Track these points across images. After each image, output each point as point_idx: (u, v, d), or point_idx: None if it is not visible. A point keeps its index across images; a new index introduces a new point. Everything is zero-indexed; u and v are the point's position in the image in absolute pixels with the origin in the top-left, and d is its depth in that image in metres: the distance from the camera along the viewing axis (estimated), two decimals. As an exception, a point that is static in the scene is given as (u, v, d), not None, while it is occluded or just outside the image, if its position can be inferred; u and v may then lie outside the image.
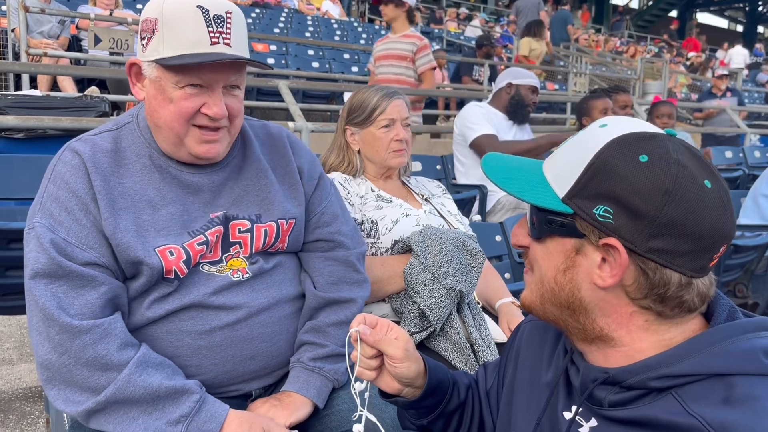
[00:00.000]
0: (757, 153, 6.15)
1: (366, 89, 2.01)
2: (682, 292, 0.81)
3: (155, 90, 1.25)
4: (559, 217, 0.85)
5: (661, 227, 0.78)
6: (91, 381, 1.17)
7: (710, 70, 14.52)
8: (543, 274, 0.89)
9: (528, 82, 3.63)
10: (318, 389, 1.38)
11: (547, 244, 0.88)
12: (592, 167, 0.82)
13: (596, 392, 0.86)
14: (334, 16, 12.99)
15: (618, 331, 0.85)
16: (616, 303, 0.84)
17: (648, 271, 0.80)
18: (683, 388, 0.79)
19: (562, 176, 0.85)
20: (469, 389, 1.19)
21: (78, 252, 1.19)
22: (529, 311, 0.96)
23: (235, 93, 1.30)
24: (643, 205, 0.78)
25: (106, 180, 1.25)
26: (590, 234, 0.82)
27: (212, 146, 1.29)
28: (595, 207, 0.81)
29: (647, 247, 0.79)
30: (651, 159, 0.79)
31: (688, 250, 0.79)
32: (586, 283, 0.84)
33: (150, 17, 1.23)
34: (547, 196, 0.86)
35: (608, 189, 0.80)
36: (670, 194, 0.77)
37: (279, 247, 1.41)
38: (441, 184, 2.19)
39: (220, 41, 1.22)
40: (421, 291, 1.68)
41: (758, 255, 3.42)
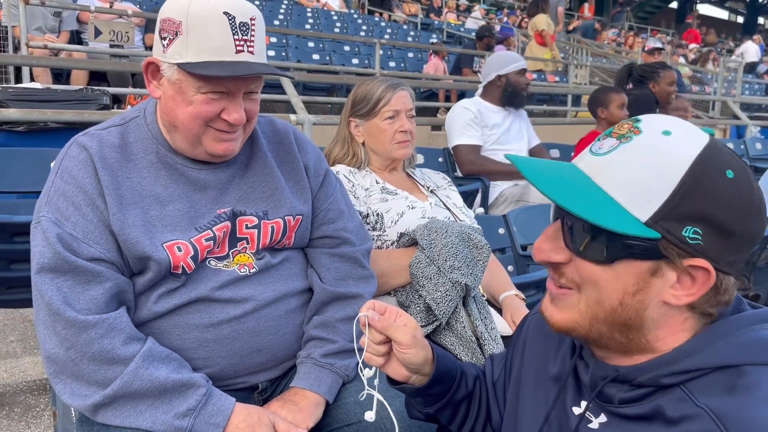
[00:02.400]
0: (759, 145, 6.14)
1: (370, 81, 2.00)
2: (732, 293, 0.82)
3: (174, 91, 1.25)
4: (641, 241, 0.77)
5: (743, 241, 0.78)
6: (98, 375, 1.17)
7: (711, 62, 14.48)
8: (604, 297, 0.82)
9: (514, 67, 3.61)
10: (329, 386, 1.39)
11: (614, 267, 0.80)
12: (683, 186, 0.76)
13: (606, 389, 0.86)
14: (333, 8, 12.92)
15: (664, 339, 0.83)
16: (673, 314, 0.82)
17: (720, 284, 0.79)
18: (692, 383, 0.79)
19: (639, 196, 0.77)
20: (477, 380, 1.19)
21: (84, 247, 1.19)
22: (567, 332, 0.87)
23: (254, 97, 1.30)
24: (733, 224, 0.76)
25: (113, 175, 1.24)
26: (674, 256, 0.78)
27: (229, 144, 1.29)
28: (684, 229, 0.76)
29: (726, 262, 0.78)
30: (736, 174, 0.77)
31: (744, 256, 0.80)
32: (655, 301, 0.81)
33: (173, 18, 1.22)
34: (624, 219, 0.77)
35: (702, 210, 0.76)
36: (757, 209, 0.77)
37: (285, 244, 1.41)
38: (446, 176, 2.19)
39: (245, 49, 1.22)
40: (427, 285, 1.68)
41: (760, 247, 3.42)
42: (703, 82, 13.50)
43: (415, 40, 12.11)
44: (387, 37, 11.50)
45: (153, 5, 8.68)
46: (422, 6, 16.61)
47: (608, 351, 0.88)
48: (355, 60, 8.99)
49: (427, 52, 9.93)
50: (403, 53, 10.09)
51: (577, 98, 8.90)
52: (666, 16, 28.13)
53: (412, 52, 10.31)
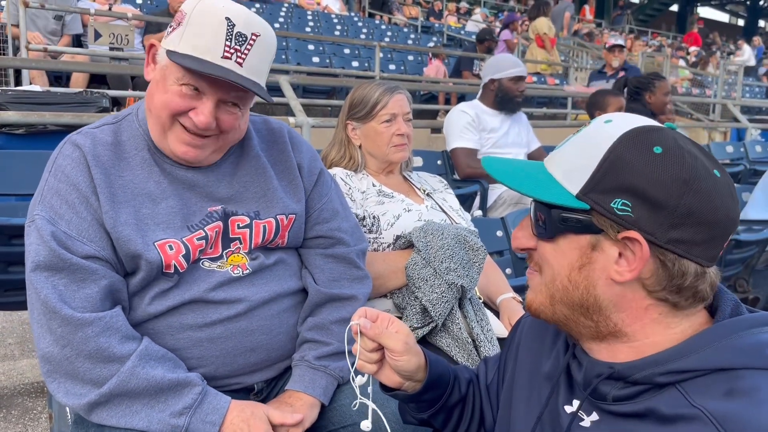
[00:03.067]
0: (759, 148, 6.13)
1: (367, 84, 2.01)
2: (697, 282, 0.81)
3: (160, 76, 1.26)
4: (575, 213, 0.83)
5: (681, 217, 0.78)
6: (93, 373, 1.17)
7: (711, 65, 14.49)
8: (555, 273, 0.87)
9: (509, 73, 3.60)
10: (324, 388, 1.39)
11: (559, 243, 0.86)
12: (606, 161, 0.81)
13: (600, 387, 0.86)
14: (334, 10, 12.95)
15: (632, 326, 0.84)
16: (631, 297, 0.83)
17: (667, 262, 0.80)
18: (688, 383, 0.79)
19: (572, 174, 0.84)
20: (470, 384, 1.19)
21: (78, 245, 1.20)
22: (537, 315, 0.92)
23: (233, 110, 1.28)
24: (662, 196, 0.78)
25: (106, 173, 1.25)
26: (608, 229, 0.81)
27: (192, 150, 1.27)
28: (613, 201, 0.80)
29: (667, 239, 0.79)
30: (665, 150, 0.79)
31: (705, 239, 0.79)
32: (602, 279, 0.83)
33: (183, 10, 1.25)
34: (559, 193, 0.84)
35: (625, 182, 0.79)
36: (688, 183, 0.77)
37: (279, 243, 1.41)
38: (443, 179, 2.19)
39: (233, 58, 1.21)
40: (423, 286, 1.69)
41: (759, 250, 3.42)
42: (703, 85, 13.51)
43: (416, 43, 12.13)
44: (387, 40, 11.52)
45: (153, 8, 8.70)
46: (423, 9, 16.64)
47: (585, 338, 0.90)
48: (355, 63, 8.99)
49: (427, 55, 9.94)
50: (403, 56, 10.10)
51: (577, 101, 8.90)
52: (666, 19, 28.15)
53: (412, 55, 10.32)
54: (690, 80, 13.46)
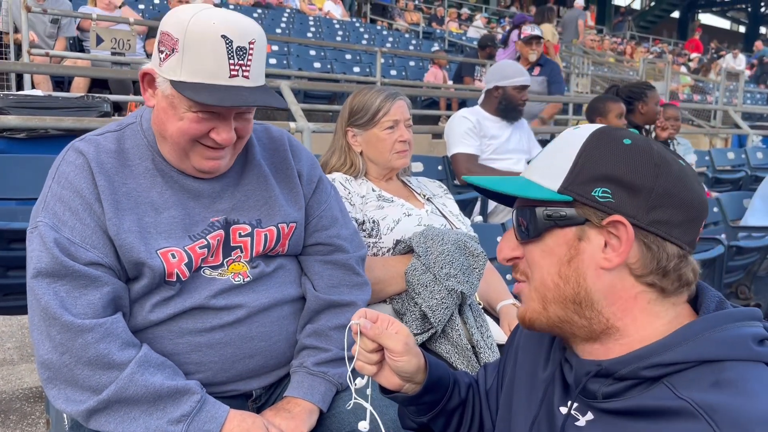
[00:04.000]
0: (760, 154, 6.13)
1: (366, 91, 2.00)
2: (681, 264, 0.84)
3: (166, 104, 1.24)
4: (558, 207, 0.86)
5: (658, 198, 0.82)
6: (93, 380, 1.17)
7: (712, 71, 14.50)
8: (545, 273, 0.88)
9: (514, 82, 3.59)
10: (323, 394, 1.39)
11: (545, 241, 0.88)
12: (582, 156, 0.86)
13: (590, 385, 0.87)
14: (336, 16, 12.98)
15: (623, 320, 0.86)
16: (621, 286, 0.85)
17: (651, 245, 0.83)
18: (674, 376, 0.80)
19: (551, 173, 0.88)
20: (470, 388, 1.18)
21: (81, 252, 1.19)
22: (531, 325, 0.93)
23: (247, 117, 1.29)
24: (638, 179, 0.82)
25: (110, 180, 1.25)
26: (592, 217, 0.84)
27: (216, 162, 1.29)
28: (593, 190, 0.84)
29: (648, 220, 0.82)
30: (633, 141, 0.85)
31: (682, 220, 0.83)
32: (591, 269, 0.85)
33: (171, 34, 1.20)
34: (541, 190, 0.88)
35: (603, 171, 0.84)
36: (659, 167, 0.83)
37: (279, 251, 1.41)
38: (442, 185, 2.19)
39: (239, 74, 1.20)
40: (423, 292, 1.68)
41: (761, 257, 3.41)
42: (704, 92, 13.52)
43: (417, 48, 12.15)
44: (389, 46, 11.55)
45: (155, 13, 8.73)
46: (424, 15, 16.68)
47: (580, 341, 0.90)
48: (356, 68, 9.02)
49: (428, 60, 9.96)
50: (405, 62, 10.12)
51: (578, 107, 8.91)
52: (667, 25, 28.21)
53: (413, 61, 10.35)
54: (691, 87, 13.47)
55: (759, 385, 0.77)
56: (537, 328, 0.93)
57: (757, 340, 0.81)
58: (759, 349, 0.80)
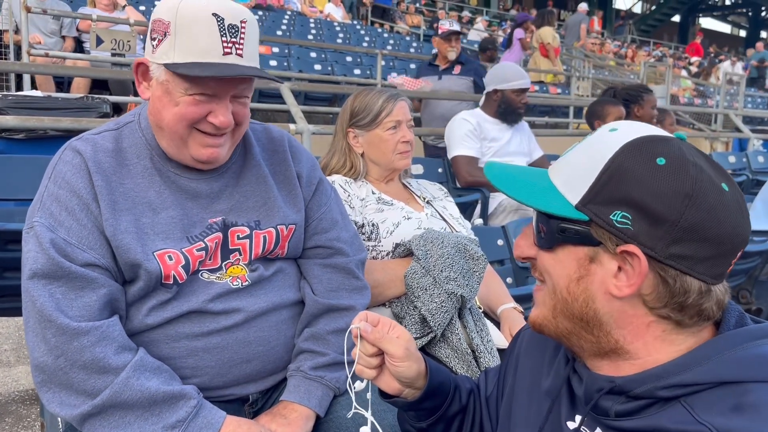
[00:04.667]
0: (761, 158, 6.12)
1: (367, 92, 1.99)
2: (702, 300, 0.78)
3: (162, 92, 1.23)
4: (573, 224, 0.81)
5: (682, 232, 0.75)
6: (88, 384, 1.15)
7: (713, 75, 14.51)
8: (555, 283, 0.85)
9: (514, 85, 3.59)
10: (320, 399, 1.37)
11: (557, 253, 0.84)
12: (607, 172, 0.78)
13: (602, 402, 0.83)
14: (336, 18, 12.98)
15: (634, 344, 0.82)
16: (632, 314, 0.80)
17: (668, 278, 0.77)
18: (692, 397, 0.77)
19: (573, 182, 0.82)
20: (471, 394, 1.17)
21: (78, 252, 1.18)
22: (540, 330, 0.90)
23: (243, 101, 1.28)
24: (663, 210, 0.75)
25: (107, 180, 1.23)
26: (607, 241, 0.78)
27: (215, 150, 1.27)
28: (612, 213, 0.77)
29: (667, 254, 0.76)
30: (669, 162, 0.76)
31: (709, 255, 0.76)
32: (601, 293, 0.80)
33: (163, 19, 1.21)
34: (558, 203, 0.82)
35: (625, 193, 0.76)
36: (690, 198, 0.74)
37: (279, 254, 1.39)
38: (443, 187, 2.18)
39: (233, 51, 1.20)
40: (422, 296, 1.66)
41: (762, 261, 3.39)
42: (705, 95, 13.52)
43: (418, 51, 12.15)
44: (389, 48, 11.55)
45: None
46: (425, 18, 16.69)
47: (588, 355, 0.87)
48: (357, 71, 9.01)
49: (428, 63, 9.95)
50: (405, 64, 10.11)
51: (579, 110, 8.91)
52: (668, 29, 28.24)
53: (414, 63, 10.34)
54: (692, 90, 13.47)
55: None
56: (546, 334, 0.90)
57: None
58: None
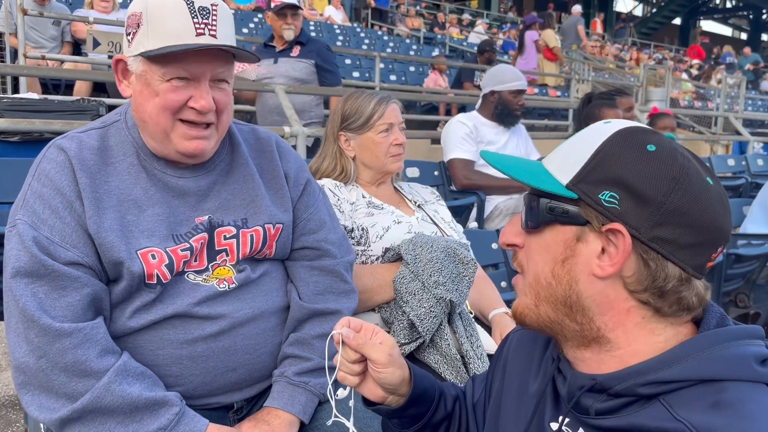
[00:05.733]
0: (760, 161, 6.09)
1: (358, 95, 1.98)
2: (681, 287, 0.80)
3: (141, 85, 1.23)
4: (563, 202, 0.83)
5: (667, 215, 0.77)
6: (68, 387, 1.14)
7: (712, 78, 14.49)
8: (539, 269, 0.86)
9: (510, 86, 3.57)
10: (303, 405, 1.35)
11: (544, 234, 0.85)
12: (599, 154, 0.81)
13: (583, 400, 0.84)
14: (336, 21, 12.98)
15: (615, 331, 0.83)
16: (614, 297, 0.81)
17: (650, 261, 0.79)
18: (671, 395, 0.77)
19: (566, 166, 0.84)
20: (456, 401, 1.16)
21: (61, 251, 1.16)
22: (522, 320, 0.91)
23: (223, 87, 1.28)
24: (650, 191, 0.77)
25: (92, 178, 1.22)
26: (593, 220, 0.80)
27: (200, 142, 1.26)
28: (601, 192, 0.80)
29: (651, 236, 0.78)
30: (658, 149, 0.80)
31: (690, 243, 0.78)
32: (585, 274, 0.82)
33: (135, 12, 1.22)
34: (550, 182, 0.84)
35: (615, 174, 0.79)
36: (677, 181, 0.77)
37: (267, 254, 1.38)
38: (435, 191, 2.16)
39: (206, 32, 1.20)
40: (411, 300, 1.64)
41: (760, 264, 3.38)
42: (705, 98, 13.50)
43: (418, 54, 12.15)
44: (389, 51, 11.54)
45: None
46: (425, 21, 16.70)
47: (571, 345, 0.88)
48: (356, 73, 9.00)
49: (428, 65, 9.95)
50: (405, 67, 10.11)
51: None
52: (669, 32, 28.24)
53: (413, 66, 10.33)
54: (693, 93, 13.46)
55: (759, 408, 0.74)
56: (528, 324, 0.90)
57: (759, 360, 0.78)
58: (761, 370, 0.77)
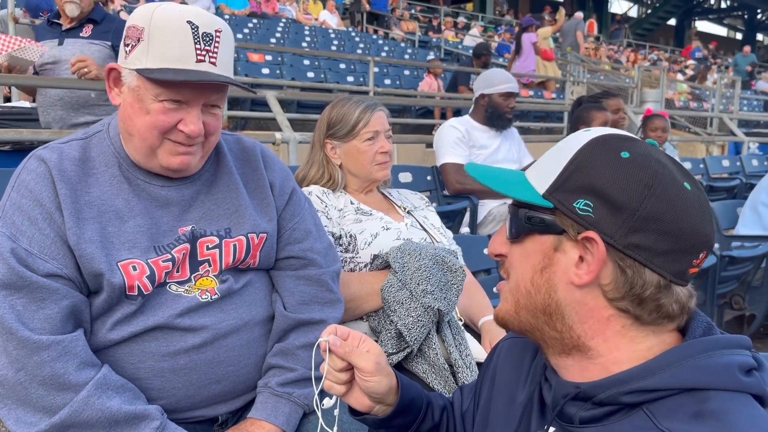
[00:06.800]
0: (755, 161, 6.10)
1: (344, 102, 1.96)
2: (660, 295, 0.79)
3: (133, 98, 1.22)
4: (539, 212, 0.83)
5: (641, 221, 0.77)
6: (46, 401, 1.12)
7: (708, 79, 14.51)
8: (519, 277, 0.86)
9: (500, 89, 3.56)
10: (287, 416, 1.33)
11: (525, 244, 0.86)
12: (573, 162, 0.82)
13: (567, 408, 0.83)
14: (331, 26, 13.00)
15: (595, 339, 0.82)
16: (593, 305, 0.81)
17: (626, 268, 0.78)
18: (655, 404, 0.76)
19: (543, 175, 0.85)
20: (444, 411, 1.14)
21: (40, 263, 1.15)
22: (504, 325, 0.91)
23: (214, 111, 1.27)
24: (623, 198, 0.77)
25: (72, 189, 1.21)
26: (569, 229, 0.81)
27: (185, 158, 1.25)
28: (576, 201, 0.80)
29: (626, 243, 0.77)
30: (632, 156, 0.79)
31: (667, 249, 0.77)
32: (563, 283, 0.82)
33: (137, 25, 1.21)
34: (527, 192, 0.85)
35: (589, 182, 0.79)
36: (650, 188, 0.77)
37: (250, 263, 1.37)
38: (424, 197, 2.14)
39: (206, 59, 1.20)
40: (399, 309, 1.63)
41: (755, 266, 3.37)
42: (701, 99, 13.52)
43: (413, 57, 12.16)
44: (384, 55, 11.56)
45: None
46: (420, 24, 16.73)
47: (553, 352, 0.87)
48: (350, 78, 9.01)
49: (423, 69, 9.96)
50: (399, 71, 10.12)
51: (574, 115, 8.90)
52: (664, 33, 28.31)
53: (408, 70, 10.34)
54: (688, 94, 13.48)
55: (742, 418, 0.73)
56: (510, 329, 0.91)
57: (744, 370, 0.77)
58: (745, 380, 0.76)
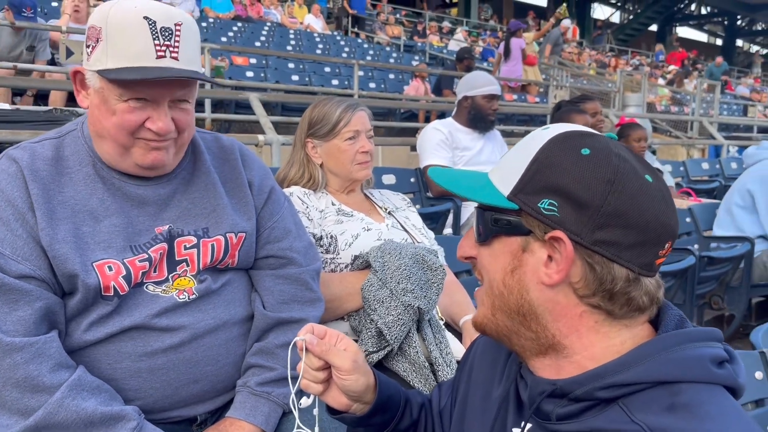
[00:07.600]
0: (734, 164, 6.19)
1: (326, 102, 1.96)
2: (629, 288, 0.79)
3: (99, 100, 1.21)
4: (505, 214, 0.83)
5: (606, 217, 0.77)
6: (21, 404, 1.11)
7: (687, 83, 14.70)
8: (491, 279, 0.86)
9: (483, 91, 3.58)
10: (266, 415, 1.33)
11: (493, 246, 0.86)
12: (535, 163, 0.82)
13: (544, 405, 0.84)
14: (316, 29, 12.99)
15: (569, 337, 0.83)
16: (565, 303, 0.82)
17: (595, 265, 0.79)
18: (629, 398, 0.77)
19: (506, 176, 0.85)
20: (422, 408, 1.14)
21: (12, 264, 1.14)
22: (482, 330, 0.91)
23: (184, 107, 1.25)
24: (586, 195, 0.77)
25: (45, 189, 1.19)
26: (536, 229, 0.81)
27: (158, 153, 1.23)
28: (540, 201, 0.80)
29: (593, 239, 0.78)
30: (593, 152, 0.80)
31: (634, 242, 0.78)
32: (534, 283, 0.82)
33: (95, 25, 1.19)
34: (492, 195, 0.85)
35: (552, 182, 0.79)
36: (612, 184, 0.77)
37: (229, 263, 1.36)
38: (406, 197, 2.15)
39: (167, 55, 1.17)
40: (379, 308, 1.63)
41: (733, 267, 3.42)
42: (682, 103, 13.69)
43: (398, 61, 12.19)
44: (369, 59, 11.57)
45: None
46: (405, 29, 16.78)
47: (530, 354, 0.87)
48: (335, 81, 9.01)
49: (407, 73, 9.99)
50: (384, 74, 10.13)
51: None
52: (646, 39, 28.65)
53: (393, 74, 10.36)
54: (669, 98, 13.65)
55: (715, 409, 0.74)
56: (488, 333, 0.91)
57: (716, 362, 0.78)
58: (717, 371, 0.77)
